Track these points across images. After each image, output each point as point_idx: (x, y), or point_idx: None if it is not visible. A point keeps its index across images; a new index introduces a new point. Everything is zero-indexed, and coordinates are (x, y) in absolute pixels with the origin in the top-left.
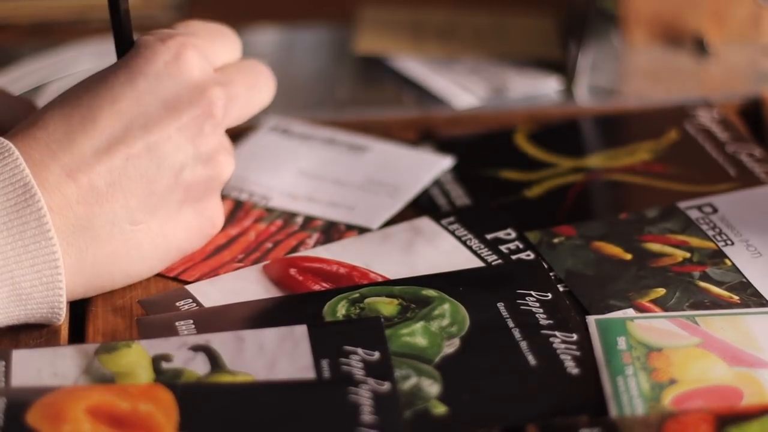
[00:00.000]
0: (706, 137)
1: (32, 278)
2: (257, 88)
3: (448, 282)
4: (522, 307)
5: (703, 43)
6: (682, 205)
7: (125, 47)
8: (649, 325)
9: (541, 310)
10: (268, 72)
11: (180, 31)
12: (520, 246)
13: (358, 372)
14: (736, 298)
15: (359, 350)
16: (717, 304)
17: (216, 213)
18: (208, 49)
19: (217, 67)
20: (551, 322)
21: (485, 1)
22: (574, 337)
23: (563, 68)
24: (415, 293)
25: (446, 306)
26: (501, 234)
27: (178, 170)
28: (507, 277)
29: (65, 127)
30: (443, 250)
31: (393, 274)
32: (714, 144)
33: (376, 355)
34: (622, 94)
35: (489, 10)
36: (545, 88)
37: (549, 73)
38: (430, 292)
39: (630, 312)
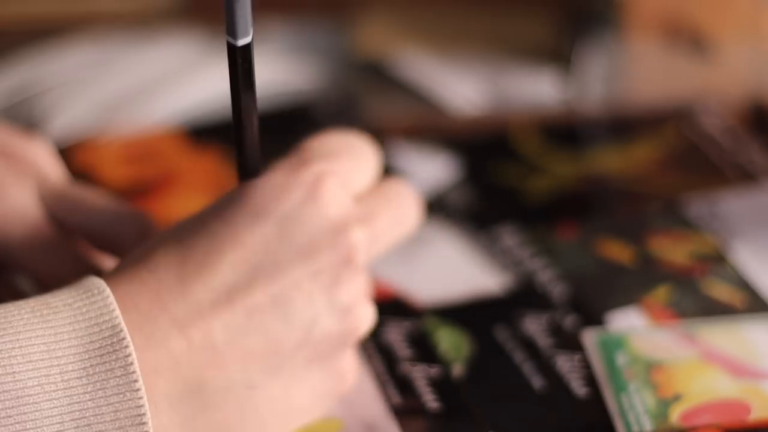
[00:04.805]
0: (708, 137)
1: None
2: (402, 219)
3: (445, 308)
4: (522, 328)
5: (704, 43)
6: (684, 205)
7: (250, 173)
8: (647, 339)
9: (541, 330)
10: (413, 196)
11: (312, 155)
12: (521, 247)
13: None
14: (737, 299)
15: None
16: (719, 306)
17: (348, 369)
18: (347, 176)
19: (357, 193)
20: (552, 342)
21: (486, 1)
22: (577, 355)
23: (564, 69)
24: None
25: (444, 332)
26: (502, 235)
27: (308, 326)
28: (505, 300)
29: (179, 273)
30: (443, 252)
31: (392, 276)
32: (716, 144)
33: None
34: (623, 95)
35: (489, 11)
36: (546, 88)
37: (550, 73)
38: (428, 320)
39: (628, 325)
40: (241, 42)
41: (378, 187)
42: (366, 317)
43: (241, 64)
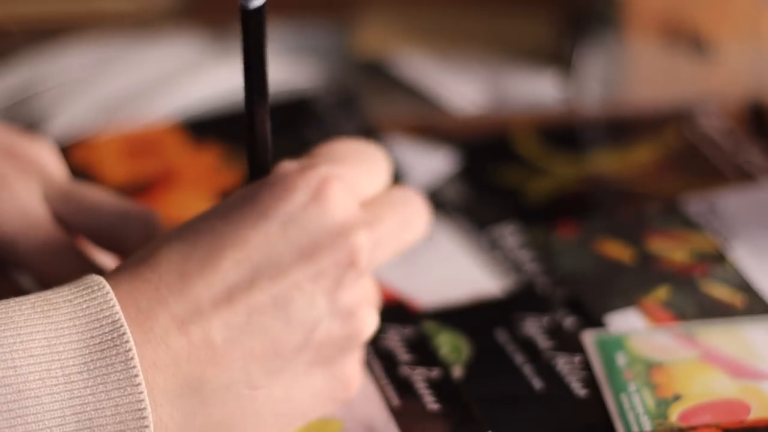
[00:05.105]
0: (707, 137)
1: (113, 429)
2: (409, 225)
3: (445, 311)
4: (521, 330)
5: (704, 43)
6: (684, 205)
7: (259, 173)
8: (647, 340)
9: (541, 332)
10: (421, 203)
11: (322, 159)
12: (521, 247)
13: None
14: (737, 299)
15: None
16: (718, 307)
17: (352, 375)
18: (354, 181)
19: (364, 200)
20: (552, 343)
21: (485, 2)
22: (577, 357)
23: (564, 69)
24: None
25: (444, 336)
26: (502, 235)
27: (309, 328)
28: (504, 302)
29: (180, 270)
30: (443, 252)
31: (392, 276)
32: (715, 144)
33: None
34: (622, 95)
35: (489, 11)
36: (545, 88)
37: (549, 73)
38: (427, 323)
39: (627, 325)
40: (255, 4)
41: (386, 194)
42: (369, 321)
43: (253, 30)
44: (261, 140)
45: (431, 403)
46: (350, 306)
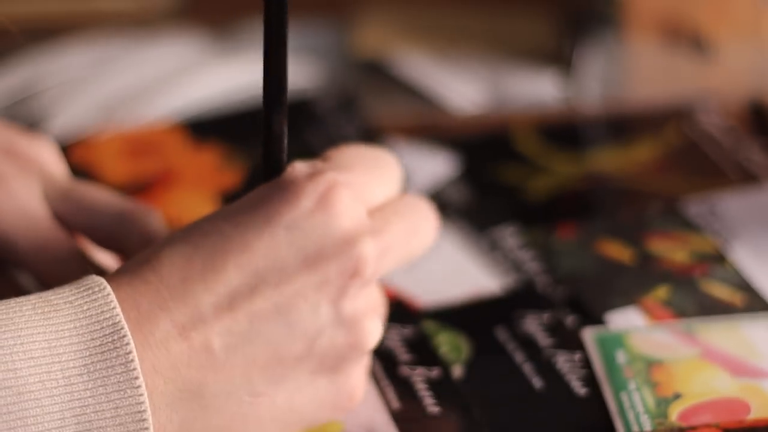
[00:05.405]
0: (707, 137)
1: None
2: (417, 233)
3: (445, 310)
4: (521, 328)
5: (704, 42)
6: (684, 205)
7: (273, 169)
8: (647, 338)
9: (541, 329)
10: (430, 211)
11: (331, 165)
12: (521, 247)
13: None
14: (737, 298)
15: None
16: (718, 305)
17: (355, 384)
18: (363, 188)
19: (373, 207)
20: (552, 341)
21: (485, 1)
22: (577, 354)
23: (564, 68)
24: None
25: (443, 335)
26: (501, 235)
27: (312, 337)
28: (504, 300)
29: (183, 274)
30: (443, 251)
31: (392, 276)
32: (716, 144)
33: None
34: (622, 94)
35: (489, 11)
36: (545, 88)
37: (549, 73)
38: (427, 323)
39: (627, 323)
40: None
41: (394, 201)
42: (373, 331)
43: (275, 18)
44: (277, 133)
45: (431, 405)
46: (354, 315)
